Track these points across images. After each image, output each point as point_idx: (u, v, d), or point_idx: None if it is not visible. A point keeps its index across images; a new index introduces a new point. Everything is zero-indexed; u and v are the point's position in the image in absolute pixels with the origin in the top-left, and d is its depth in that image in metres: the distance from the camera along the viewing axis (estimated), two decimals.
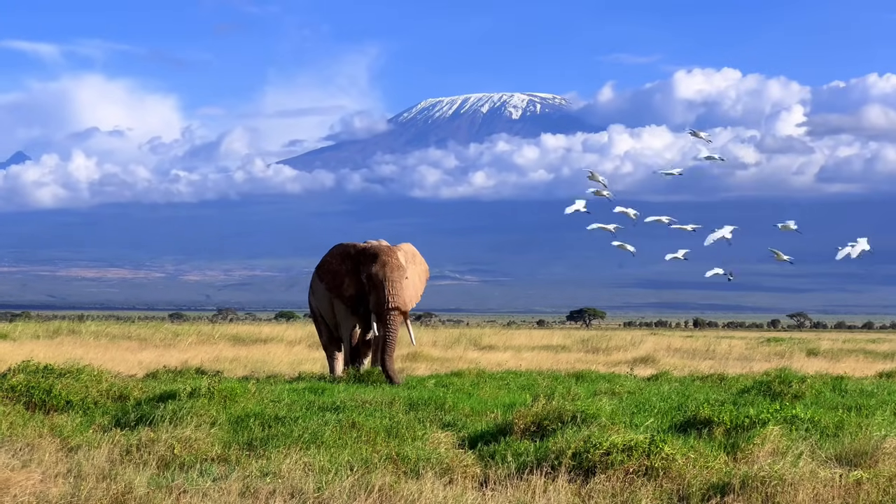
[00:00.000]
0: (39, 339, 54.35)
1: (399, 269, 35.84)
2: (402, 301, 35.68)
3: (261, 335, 60.03)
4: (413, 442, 20.77)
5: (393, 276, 35.66)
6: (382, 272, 35.75)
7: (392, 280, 35.61)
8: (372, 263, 35.92)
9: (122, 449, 19.73)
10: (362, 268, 36.15)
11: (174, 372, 34.28)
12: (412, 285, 36.88)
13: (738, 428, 21.74)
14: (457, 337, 63.14)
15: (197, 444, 19.89)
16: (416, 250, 38.06)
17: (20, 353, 42.52)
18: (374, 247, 36.47)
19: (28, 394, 24.82)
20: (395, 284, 35.61)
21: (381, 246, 36.53)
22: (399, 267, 35.86)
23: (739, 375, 38.53)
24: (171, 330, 63.65)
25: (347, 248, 37.02)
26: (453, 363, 45.16)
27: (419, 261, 37.88)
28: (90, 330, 60.58)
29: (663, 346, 61.69)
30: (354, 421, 21.73)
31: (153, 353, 47.93)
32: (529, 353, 52.70)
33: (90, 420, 23.20)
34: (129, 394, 26.05)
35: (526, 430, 21.61)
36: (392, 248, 36.44)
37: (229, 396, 24.76)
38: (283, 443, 20.08)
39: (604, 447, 18.75)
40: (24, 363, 28.51)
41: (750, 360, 54.27)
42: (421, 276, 37.84)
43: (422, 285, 37.94)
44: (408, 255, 37.13)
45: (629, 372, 40.17)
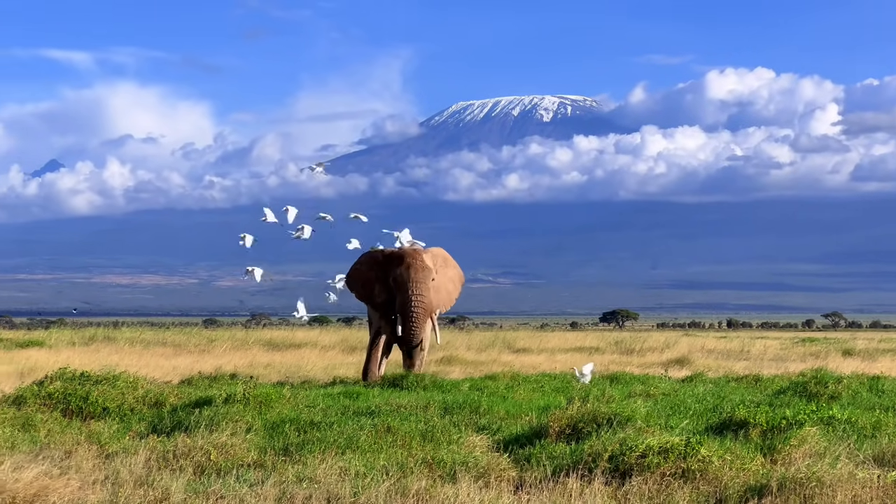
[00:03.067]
0: (75, 346, 54.60)
1: (424, 269, 35.90)
2: (426, 301, 35.71)
3: (294, 340, 60.11)
4: (448, 446, 20.75)
5: (417, 276, 35.72)
6: (406, 273, 35.86)
7: (416, 281, 35.66)
8: (398, 266, 36.02)
9: (158, 455, 19.78)
10: (389, 272, 36.24)
11: (209, 378, 34.38)
12: (443, 288, 36.90)
13: (774, 429, 21.65)
14: (491, 340, 63.10)
15: (233, 450, 19.93)
16: (447, 255, 38.06)
17: (57, 360, 42.74)
18: (400, 250, 36.57)
19: (65, 401, 24.96)
20: (420, 285, 35.66)
21: (407, 249, 36.59)
22: (424, 268, 35.92)
23: (775, 376, 38.34)
24: (206, 336, 63.84)
25: (375, 255, 37.11)
26: (487, 366, 45.12)
27: (451, 265, 37.86)
28: (125, 336, 60.79)
29: (697, 347, 61.48)
30: (390, 425, 21.74)
31: (188, 359, 48.06)
32: (563, 356, 52.62)
33: (127, 427, 23.29)
34: (164, 400, 26.14)
35: (561, 433, 21.57)
36: (418, 251, 36.48)
37: (264, 402, 24.82)
38: (319, 448, 20.10)
39: (640, 449, 18.70)
40: (60, 370, 28.63)
41: (785, 360, 54.04)
42: (454, 280, 37.81)
43: (455, 289, 37.89)
44: (437, 258, 37.14)
45: (663, 373, 40.08)
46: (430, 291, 35.95)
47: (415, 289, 35.68)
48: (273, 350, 54.46)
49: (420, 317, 35.70)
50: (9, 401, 25.79)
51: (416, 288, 35.68)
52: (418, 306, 35.68)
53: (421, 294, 35.68)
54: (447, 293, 37.27)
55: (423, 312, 35.77)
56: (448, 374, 39.80)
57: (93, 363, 39.29)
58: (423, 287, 35.75)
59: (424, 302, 35.74)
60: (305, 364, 45.15)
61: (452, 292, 37.65)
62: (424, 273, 35.90)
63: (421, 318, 35.73)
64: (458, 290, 38.23)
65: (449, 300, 37.44)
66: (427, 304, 35.80)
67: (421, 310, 35.71)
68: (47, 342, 55.70)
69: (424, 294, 35.74)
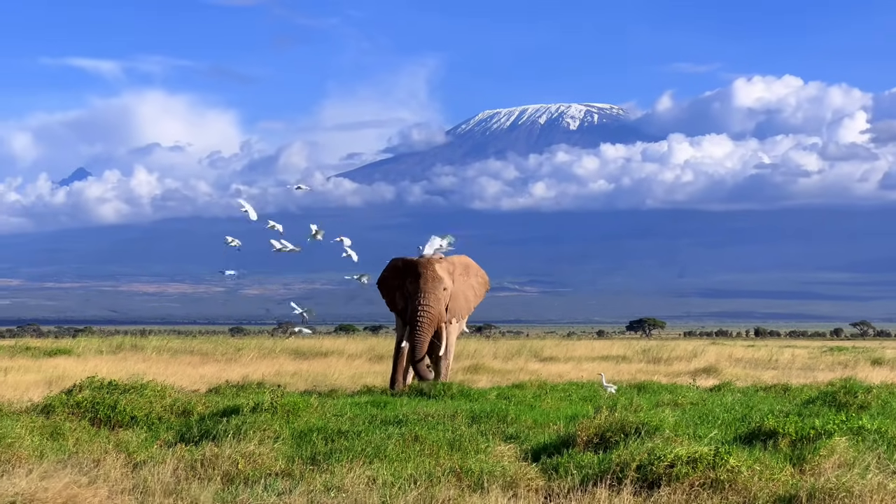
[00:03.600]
0: (103, 354, 54.71)
1: (433, 280, 36.23)
2: (432, 311, 35.98)
3: (321, 349, 60.12)
4: (476, 455, 20.73)
5: (426, 286, 36.10)
6: (416, 284, 36.33)
7: (424, 291, 36.06)
8: (411, 275, 36.36)
9: (186, 464, 19.80)
10: (405, 280, 36.55)
11: (236, 386, 34.41)
12: (461, 296, 37.15)
13: (803, 439, 21.56)
14: (517, 348, 63.02)
15: (261, 459, 19.94)
16: (470, 262, 38.26)
17: (84, 368, 42.84)
18: (416, 260, 36.81)
19: (93, 410, 25.02)
20: (428, 295, 36.00)
21: (422, 259, 36.86)
22: (433, 278, 36.25)
23: (803, 386, 38.21)
24: (233, 344, 63.90)
25: (397, 263, 37.56)
26: (514, 375, 45.09)
27: (473, 272, 38.04)
28: (152, 345, 60.88)
29: (725, 356, 61.25)
30: (417, 434, 21.72)
31: (215, 367, 48.15)
32: (590, 364, 52.53)
33: (155, 435, 23.32)
34: (192, 409, 26.18)
35: (589, 442, 21.53)
36: (431, 260, 36.72)
37: (292, 411, 24.82)
38: (347, 457, 20.08)
39: (668, 459, 18.65)
40: (89, 379, 28.69)
41: (813, 369, 53.84)
42: (475, 287, 37.97)
43: (476, 297, 38.03)
44: (456, 266, 37.39)
45: (691, 382, 39.97)
46: (438, 302, 36.20)
47: (422, 299, 36.05)
48: (300, 358, 54.48)
49: (424, 326, 35.96)
50: (37, 409, 25.86)
51: (424, 298, 36.02)
52: (423, 316, 35.98)
53: (427, 304, 35.97)
54: (466, 300, 37.44)
55: (427, 322, 35.99)
56: (475, 382, 39.78)
57: (120, 372, 39.41)
58: (431, 297, 36.03)
59: (430, 312, 35.99)
60: (332, 373, 45.16)
61: (472, 300, 37.79)
62: (433, 283, 36.20)
63: (425, 328, 35.97)
64: (480, 296, 38.40)
65: (468, 307, 37.64)
66: (433, 314, 36.06)
67: (426, 320, 35.98)
68: (75, 350, 55.84)
69: (431, 304, 36.01)
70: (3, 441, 20.45)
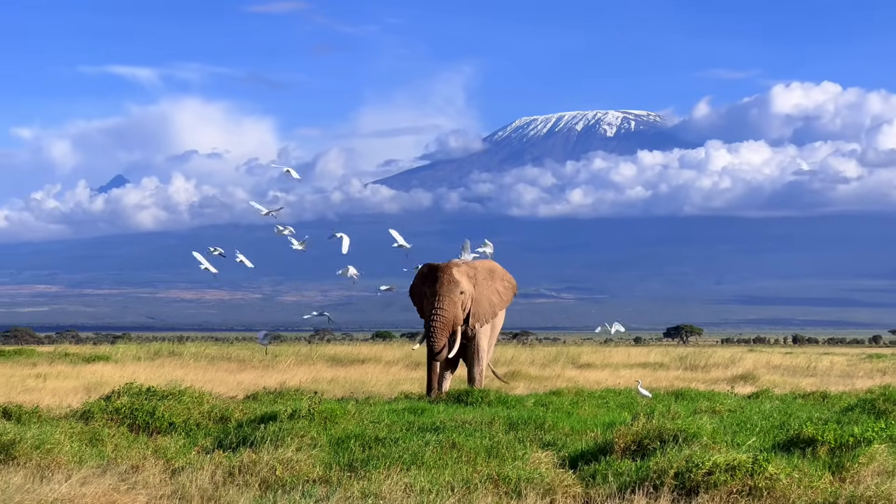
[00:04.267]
0: (141, 360, 54.95)
1: (449, 283, 36.47)
2: (445, 315, 36.16)
3: (358, 355, 60.21)
4: (513, 462, 20.72)
5: (441, 290, 36.41)
6: (433, 288, 36.63)
7: (440, 294, 36.37)
8: (429, 281, 36.65)
9: (224, 471, 19.86)
10: (429, 285, 36.82)
11: (273, 393, 34.48)
12: (485, 300, 37.35)
13: (842, 447, 21.44)
14: (554, 355, 62.96)
15: (298, 466, 19.98)
16: (495, 266, 38.42)
17: (122, 374, 43.07)
18: (436, 265, 37.07)
19: (132, 416, 25.12)
20: (442, 299, 36.28)
21: (441, 264, 37.10)
22: (449, 282, 36.48)
23: (842, 393, 38.03)
24: (270, 351, 64.09)
25: (423, 269, 37.77)
26: (551, 381, 45.08)
27: (499, 276, 38.15)
28: (190, 351, 61.15)
29: (763, 364, 61.05)
30: (455, 441, 21.71)
31: (252, 374, 48.29)
32: (627, 371, 52.45)
33: (193, 442, 23.40)
34: (230, 415, 26.25)
35: (626, 450, 21.49)
36: (450, 265, 36.94)
37: (329, 418, 24.85)
38: (384, 463, 20.10)
39: (706, 467, 18.60)
40: (127, 385, 28.83)
41: (852, 377, 53.58)
42: (501, 291, 38.03)
43: (501, 301, 38.06)
44: (480, 271, 37.57)
45: (729, 390, 39.84)
46: (454, 305, 36.38)
47: (436, 302, 36.36)
48: (337, 365, 54.60)
49: (437, 329, 36.18)
50: (76, 415, 25.99)
51: (438, 301, 36.35)
52: (437, 319, 36.21)
53: (441, 308, 36.24)
54: (490, 304, 37.57)
55: (441, 326, 36.18)
56: (512, 389, 39.76)
57: (158, 378, 39.57)
58: (446, 300, 36.30)
59: (444, 315, 36.20)
60: (369, 379, 45.23)
61: (497, 304, 37.87)
62: (449, 287, 36.44)
63: (438, 331, 36.18)
64: (507, 300, 38.46)
65: (492, 311, 37.71)
66: (447, 318, 36.26)
67: (439, 323, 36.18)
68: (113, 357, 56.12)
69: (446, 307, 36.24)
70: (43, 447, 20.58)
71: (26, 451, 20.43)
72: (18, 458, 20.31)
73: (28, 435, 20.95)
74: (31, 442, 20.64)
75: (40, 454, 20.40)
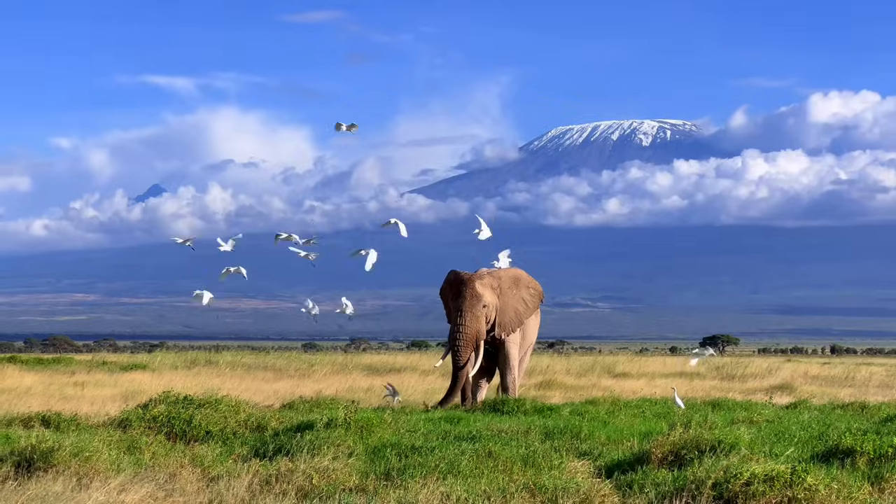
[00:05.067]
0: (178, 369, 55.16)
1: (472, 297, 36.50)
2: (469, 331, 36.23)
3: (395, 365, 60.28)
4: (550, 471, 20.69)
5: (464, 305, 36.51)
6: (455, 303, 36.81)
7: (462, 310, 36.50)
8: (453, 293, 36.72)
9: (261, 479, 19.89)
10: (453, 294, 36.85)
11: (309, 402, 34.53)
12: (510, 309, 37.39)
13: (881, 458, 21.34)
14: (590, 364, 62.86)
15: (335, 475, 19.99)
16: (521, 274, 38.34)
17: (160, 383, 43.24)
18: (461, 277, 37.05)
19: (169, 424, 25.23)
20: (465, 314, 36.39)
21: (465, 276, 37.10)
22: (473, 296, 36.51)
23: (881, 403, 37.82)
24: (306, 360, 64.23)
25: (450, 276, 37.79)
26: (587, 391, 45.00)
27: (524, 284, 38.06)
28: (226, 360, 61.34)
29: (800, 374, 60.80)
30: (491, 450, 21.70)
31: (288, 383, 48.36)
32: (663, 381, 52.28)
33: (229, 450, 23.45)
34: (266, 424, 26.33)
35: (663, 459, 21.44)
36: (472, 278, 36.95)
37: (366, 427, 24.88)
38: (420, 472, 20.09)
39: (744, 477, 18.52)
40: (164, 394, 28.93)
41: (891, 387, 53.31)
42: (526, 299, 37.93)
43: (527, 309, 37.93)
44: (504, 280, 37.51)
45: (767, 400, 39.68)
46: (476, 320, 36.40)
47: (459, 318, 36.49)
48: (373, 374, 54.63)
49: (461, 347, 36.30)
50: (114, 424, 26.12)
51: (461, 317, 36.46)
52: (460, 337, 36.33)
53: (464, 323, 36.34)
54: (516, 313, 37.51)
55: (464, 343, 36.25)
56: (548, 398, 39.70)
57: (195, 387, 39.70)
58: (468, 316, 36.36)
59: (468, 332, 36.26)
60: (406, 388, 45.21)
61: (523, 312, 37.77)
62: (472, 301, 36.47)
63: (462, 348, 36.28)
64: (533, 308, 38.27)
65: (519, 320, 37.62)
66: (470, 334, 36.30)
67: (463, 340, 36.28)
68: (150, 365, 56.36)
69: (468, 323, 36.29)
70: (82, 454, 20.65)
71: (65, 458, 20.51)
72: (57, 465, 20.40)
73: (67, 443, 21.03)
74: (69, 450, 20.72)
75: (79, 462, 20.48)
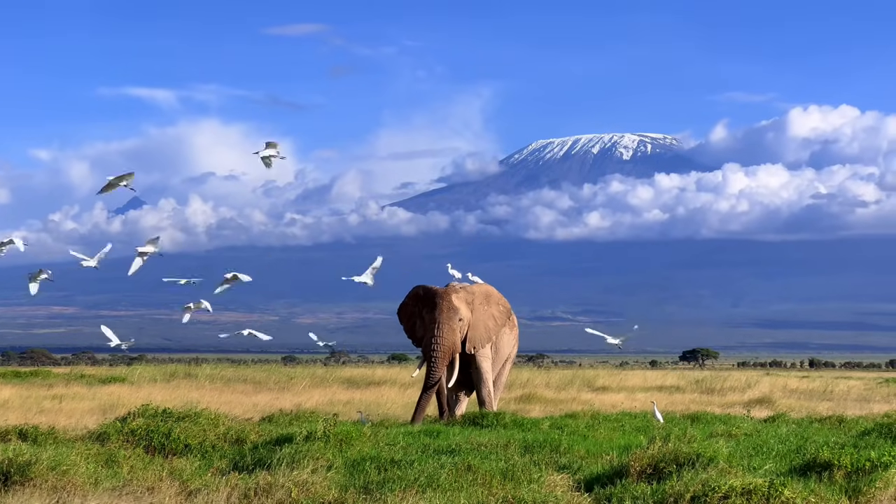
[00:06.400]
0: (157, 382, 55.04)
1: (449, 310, 36.39)
2: (445, 344, 36.09)
3: (374, 378, 60.25)
4: (529, 485, 20.71)
5: (440, 318, 36.31)
6: (431, 316, 36.52)
7: (439, 322, 36.25)
8: (429, 305, 36.52)
9: (240, 492, 19.88)
10: (424, 309, 36.71)
11: (289, 415, 34.50)
12: (481, 325, 37.24)
13: (859, 471, 21.40)
14: (570, 378, 62.90)
15: (314, 488, 19.98)
16: (491, 291, 38.26)
17: (138, 396, 43.15)
18: (434, 290, 36.93)
19: (148, 437, 25.19)
20: (442, 326, 36.18)
21: (440, 290, 36.95)
22: (449, 309, 36.40)
23: (859, 417, 37.93)
24: (285, 373, 64.16)
25: (418, 290, 37.75)
26: (567, 405, 45.04)
27: (494, 301, 37.98)
28: (205, 373, 61.24)
29: (779, 387, 60.91)
30: (470, 464, 21.71)
31: (268, 396, 48.31)
32: (643, 394, 52.35)
33: (208, 463, 23.43)
34: (246, 437, 26.30)
35: (642, 473, 21.48)
36: (448, 291, 36.78)
37: (345, 440, 24.88)
38: (399, 486, 20.10)
39: (722, 490, 18.57)
40: (143, 407, 28.90)
41: (869, 401, 53.43)
42: (496, 316, 37.83)
43: (497, 325, 37.81)
44: (476, 296, 37.43)
45: (745, 413, 39.75)
46: (452, 332, 36.27)
47: (436, 330, 36.24)
48: (352, 387, 54.62)
49: (437, 359, 36.16)
50: (92, 437, 26.06)
51: (438, 329, 36.24)
52: (436, 349, 36.15)
53: (440, 336, 36.16)
54: (486, 329, 37.42)
55: (440, 355, 36.12)
56: (528, 412, 39.71)
57: (174, 400, 39.62)
58: (445, 328, 36.21)
59: (444, 344, 36.11)
60: (385, 402, 45.23)
61: (493, 328, 37.67)
62: (449, 314, 36.34)
63: (438, 360, 36.15)
64: (502, 325, 38.07)
65: (488, 336, 37.48)
66: (446, 346, 36.16)
67: (439, 352, 36.13)
68: (129, 378, 56.22)
69: (445, 335, 36.14)
70: (59, 468, 20.61)
71: (42, 472, 20.46)
72: (34, 479, 20.35)
73: (44, 456, 20.99)
74: (47, 463, 20.67)
75: (56, 476, 20.43)
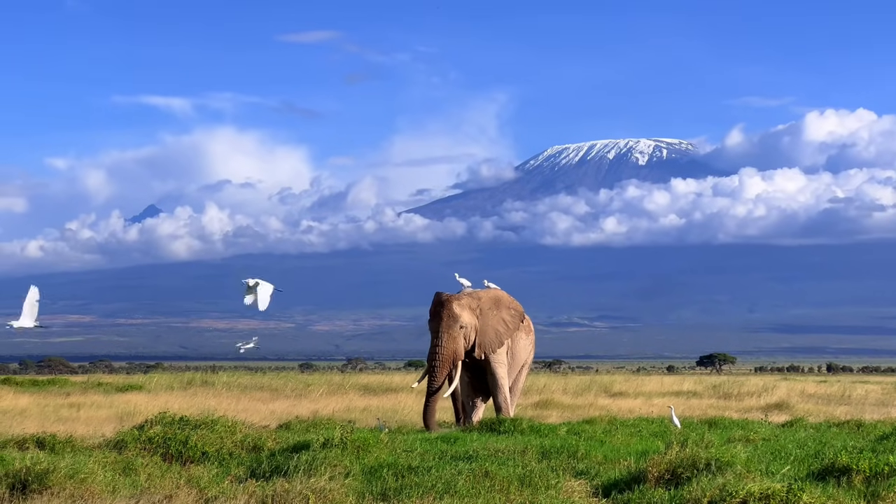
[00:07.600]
0: (173, 390, 55.08)
1: (449, 318, 36.50)
2: (445, 352, 36.22)
3: (391, 384, 60.26)
4: (546, 491, 20.67)
5: (440, 326, 36.51)
6: (432, 324, 36.78)
7: (439, 331, 36.46)
8: (432, 314, 36.71)
9: (257, 500, 19.88)
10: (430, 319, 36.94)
11: (306, 422, 34.51)
12: (490, 329, 37.34)
13: (877, 476, 21.33)
14: (587, 384, 62.86)
15: (331, 495, 19.97)
16: (501, 295, 38.33)
17: (155, 404, 43.17)
18: (438, 299, 37.06)
19: (165, 445, 25.20)
20: (442, 335, 36.35)
21: (442, 298, 37.05)
22: (449, 317, 36.52)
23: (877, 421, 37.82)
24: (302, 380, 64.19)
25: (434, 298, 37.66)
26: (584, 410, 44.99)
27: (504, 306, 37.99)
28: (222, 381, 61.24)
29: (797, 392, 60.80)
30: (487, 470, 21.68)
31: (285, 403, 48.33)
32: (660, 400, 52.27)
33: (225, 471, 23.43)
34: (262, 444, 26.31)
35: (660, 478, 21.43)
36: (450, 300, 36.92)
37: (362, 447, 24.87)
38: (417, 492, 20.09)
39: (740, 495, 18.52)
40: (160, 415, 28.91)
41: (887, 405, 53.29)
42: (507, 320, 37.86)
43: (507, 330, 37.79)
44: (484, 301, 37.52)
45: (763, 418, 39.67)
46: (453, 341, 36.37)
47: (436, 339, 36.49)
48: (369, 394, 54.61)
49: (437, 367, 36.30)
50: (110, 445, 26.08)
51: (437, 338, 36.44)
52: (436, 357, 36.33)
53: (441, 345, 36.31)
54: (496, 334, 37.46)
55: (440, 363, 36.24)
56: (545, 418, 39.68)
57: (191, 407, 39.65)
58: (445, 336, 36.33)
59: (444, 353, 36.24)
60: (402, 408, 45.21)
61: (503, 332, 37.68)
62: (448, 322, 36.45)
63: (438, 368, 36.27)
64: (512, 328, 38.02)
65: (499, 340, 37.52)
66: (446, 354, 36.28)
67: (439, 360, 36.28)
68: (146, 386, 56.30)
69: (445, 344, 36.27)
70: (77, 476, 20.63)
71: (60, 480, 20.49)
72: (52, 487, 20.37)
73: (62, 464, 21.01)
74: (64, 471, 20.69)
75: (74, 484, 20.45)
